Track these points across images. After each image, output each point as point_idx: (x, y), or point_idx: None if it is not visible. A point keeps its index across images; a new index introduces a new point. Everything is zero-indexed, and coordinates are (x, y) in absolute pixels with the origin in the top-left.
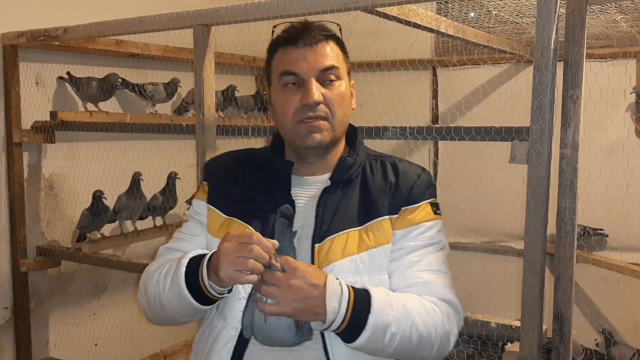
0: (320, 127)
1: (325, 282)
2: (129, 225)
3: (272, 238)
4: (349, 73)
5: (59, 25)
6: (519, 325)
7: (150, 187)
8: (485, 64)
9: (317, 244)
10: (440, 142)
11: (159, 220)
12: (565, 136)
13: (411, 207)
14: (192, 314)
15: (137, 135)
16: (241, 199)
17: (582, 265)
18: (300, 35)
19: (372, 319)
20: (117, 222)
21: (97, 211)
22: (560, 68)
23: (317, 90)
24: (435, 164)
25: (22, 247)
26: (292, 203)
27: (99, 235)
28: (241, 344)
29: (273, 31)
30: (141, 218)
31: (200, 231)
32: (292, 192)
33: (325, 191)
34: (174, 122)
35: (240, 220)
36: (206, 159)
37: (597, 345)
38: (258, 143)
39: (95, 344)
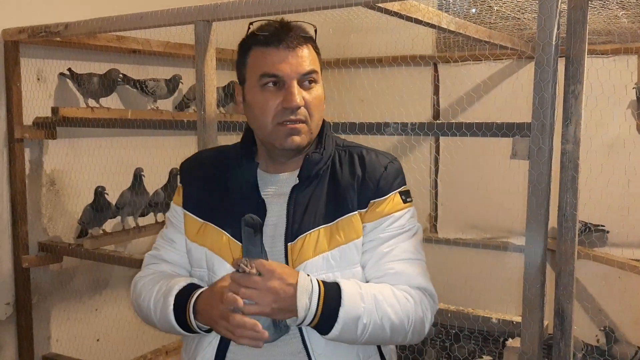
0: (299, 130)
1: (297, 279)
2: (130, 221)
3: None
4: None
5: (60, 21)
6: (520, 321)
7: (152, 183)
8: (486, 60)
9: (290, 243)
10: (441, 138)
11: (160, 217)
12: (567, 132)
13: (379, 200)
14: (185, 335)
15: (139, 131)
16: (214, 202)
17: (583, 262)
18: (281, 36)
19: (342, 312)
20: (119, 218)
21: (99, 207)
22: (561, 64)
23: (299, 94)
24: (436, 160)
25: (23, 243)
26: (262, 203)
27: (100, 231)
28: (224, 342)
29: (249, 27)
30: (143, 214)
31: (178, 237)
32: (263, 191)
33: (295, 189)
34: (175, 118)
35: (214, 224)
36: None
37: (598, 341)
38: None
39: (97, 340)
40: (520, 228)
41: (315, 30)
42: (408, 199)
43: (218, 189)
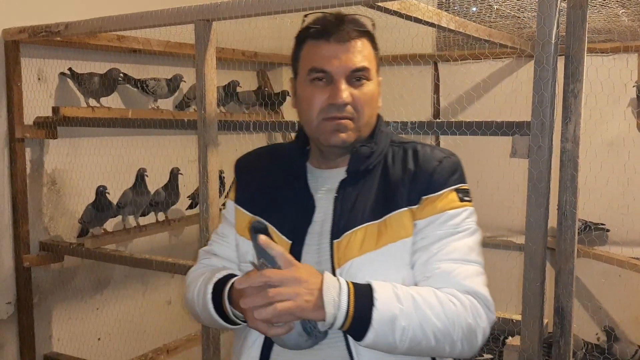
0: (346, 126)
1: (322, 276)
2: (131, 221)
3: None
4: (378, 69)
5: (61, 21)
6: (520, 319)
7: (153, 183)
8: (486, 59)
9: (336, 240)
10: (441, 137)
11: (161, 216)
12: (566, 130)
13: (432, 196)
14: (229, 329)
15: (139, 131)
16: (265, 197)
17: (583, 260)
18: (333, 29)
19: (376, 313)
20: (120, 217)
21: (100, 206)
22: (561, 62)
23: (346, 91)
24: None
25: (25, 242)
26: (311, 199)
27: (101, 231)
28: (268, 342)
29: (304, 20)
30: (143, 214)
31: (230, 232)
32: (311, 186)
33: (342, 184)
34: (176, 117)
35: (263, 219)
36: (208, 154)
37: (598, 339)
38: (259, 138)
39: (99, 339)
40: (520, 226)
41: (373, 24)
42: (466, 198)
43: (269, 185)
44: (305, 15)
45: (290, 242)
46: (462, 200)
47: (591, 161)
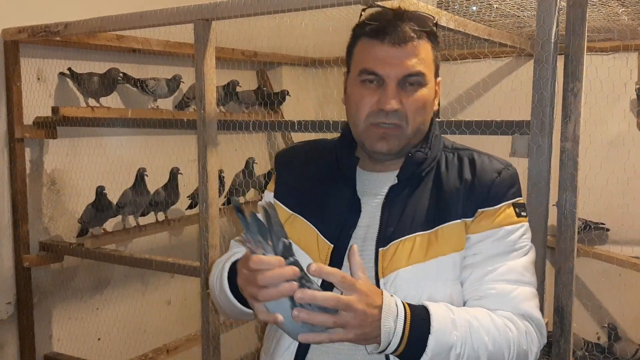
0: (391, 135)
1: (382, 300)
2: (131, 220)
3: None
4: (437, 71)
5: (60, 21)
6: None
7: (152, 182)
8: (486, 58)
9: (382, 248)
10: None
11: (161, 216)
12: (566, 130)
13: (489, 210)
14: (249, 318)
15: (139, 131)
16: (306, 195)
17: (584, 259)
18: (389, 29)
19: (432, 340)
20: (120, 217)
21: (101, 206)
22: (561, 61)
23: (395, 97)
24: None
25: (24, 242)
26: (357, 202)
27: (101, 231)
28: (303, 348)
29: (361, 14)
30: (143, 214)
31: None
32: (358, 189)
33: (392, 189)
34: (175, 117)
35: (303, 217)
36: (207, 154)
37: (598, 338)
38: (259, 137)
39: (98, 339)
40: None
41: (436, 24)
42: (523, 213)
43: (312, 182)
44: (363, 9)
45: (332, 245)
46: (519, 215)
47: (591, 160)
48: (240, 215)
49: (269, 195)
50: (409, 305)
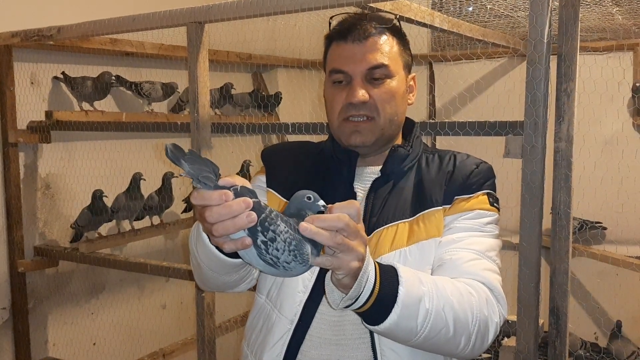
0: (364, 128)
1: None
2: (125, 224)
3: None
4: (407, 66)
5: (53, 25)
6: (515, 319)
7: (147, 185)
8: (480, 59)
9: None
10: (436, 137)
11: (156, 219)
12: (560, 130)
13: (465, 197)
14: (227, 270)
15: (133, 134)
16: (300, 184)
17: (580, 259)
18: (350, 29)
19: (402, 292)
20: (114, 221)
21: (97, 210)
22: (554, 62)
23: (361, 89)
24: None
25: (19, 247)
26: (354, 197)
27: (96, 235)
28: (296, 339)
29: (330, 22)
30: (138, 219)
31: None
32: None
33: (375, 182)
34: (170, 120)
35: None
36: (201, 156)
37: (596, 338)
38: (253, 140)
39: (94, 344)
40: (514, 226)
41: (399, 20)
42: (495, 204)
43: (305, 173)
44: (331, 18)
45: None
46: (492, 205)
47: (585, 160)
48: (176, 153)
49: (261, 177)
50: (376, 261)
